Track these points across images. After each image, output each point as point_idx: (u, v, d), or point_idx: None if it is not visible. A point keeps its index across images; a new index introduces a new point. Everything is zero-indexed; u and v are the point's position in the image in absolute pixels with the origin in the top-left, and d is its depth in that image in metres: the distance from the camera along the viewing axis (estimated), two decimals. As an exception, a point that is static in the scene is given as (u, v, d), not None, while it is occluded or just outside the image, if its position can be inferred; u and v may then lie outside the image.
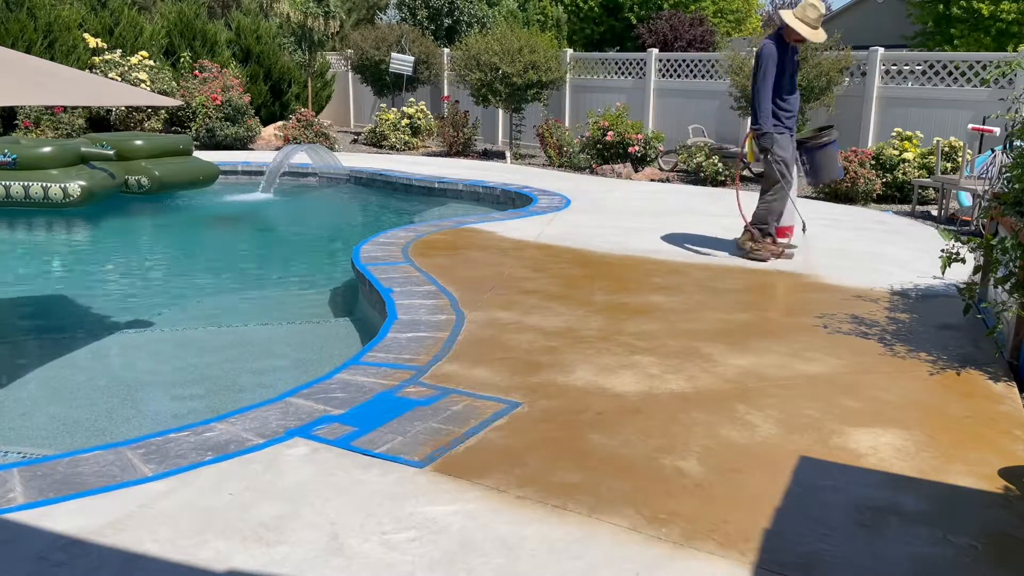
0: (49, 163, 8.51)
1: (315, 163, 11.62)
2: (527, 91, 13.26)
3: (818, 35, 5.94)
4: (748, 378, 3.64)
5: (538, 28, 21.61)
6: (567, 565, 2.22)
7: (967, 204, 8.31)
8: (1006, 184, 4.47)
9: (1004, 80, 9.63)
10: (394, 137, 15.05)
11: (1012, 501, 2.61)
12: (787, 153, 6.10)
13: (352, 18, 23.82)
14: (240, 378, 4.23)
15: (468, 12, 20.74)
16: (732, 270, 5.75)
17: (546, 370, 3.68)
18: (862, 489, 2.66)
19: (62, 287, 6.28)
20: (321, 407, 3.22)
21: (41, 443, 3.44)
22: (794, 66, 6.08)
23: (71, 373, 4.24)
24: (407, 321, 4.34)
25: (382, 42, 15.98)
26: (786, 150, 6.09)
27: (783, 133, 6.07)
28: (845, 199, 9.58)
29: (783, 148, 6.07)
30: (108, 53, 14.57)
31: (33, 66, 3.56)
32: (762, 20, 29.96)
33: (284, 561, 2.21)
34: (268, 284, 6.46)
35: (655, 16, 22.01)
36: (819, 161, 6.29)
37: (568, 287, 5.17)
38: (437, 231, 6.90)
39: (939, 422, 3.21)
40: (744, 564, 2.23)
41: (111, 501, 2.48)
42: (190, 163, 9.95)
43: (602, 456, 2.85)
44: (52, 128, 12.90)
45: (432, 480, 2.66)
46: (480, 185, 10.15)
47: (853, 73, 11.16)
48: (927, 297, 5.12)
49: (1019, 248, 3.77)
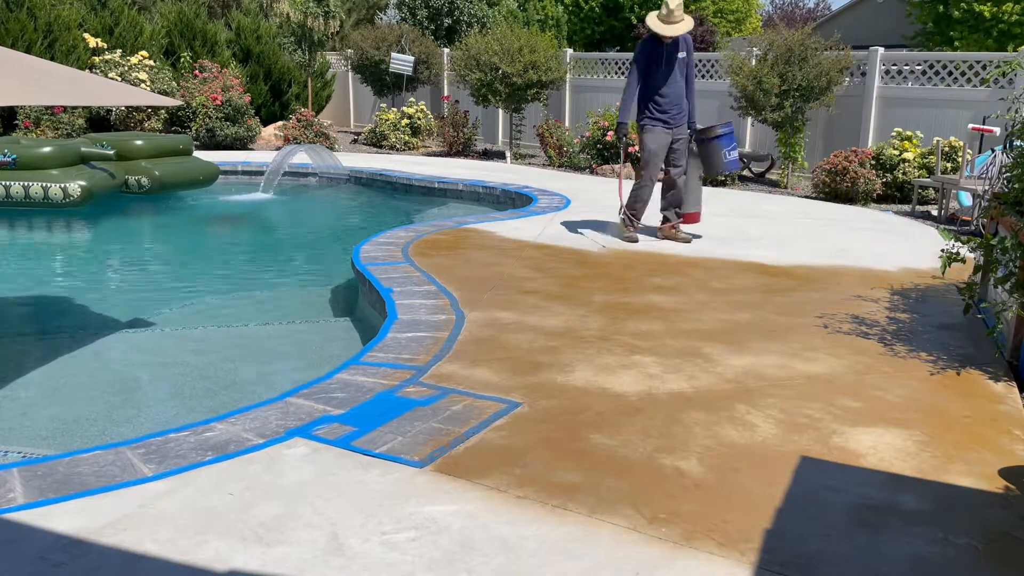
0: (49, 163, 8.51)
1: (315, 163, 11.62)
2: (527, 91, 13.26)
3: (672, 29, 6.31)
4: (748, 378, 3.64)
5: (538, 28, 21.61)
6: (567, 565, 2.22)
7: (967, 204, 8.31)
8: (1006, 184, 4.47)
9: (1004, 80, 9.63)
10: (394, 137, 15.05)
11: (1012, 501, 2.61)
12: (656, 144, 6.51)
13: (352, 18, 23.82)
14: (240, 378, 4.23)
15: (468, 12, 20.74)
16: (733, 270, 5.75)
17: (546, 370, 3.68)
18: (862, 489, 2.66)
19: (62, 287, 6.28)
20: (321, 407, 3.21)
21: (41, 443, 3.44)
22: (671, 63, 6.42)
23: (71, 373, 4.24)
24: (407, 321, 4.34)
25: (382, 42, 15.98)
26: (656, 141, 6.51)
27: (656, 125, 6.49)
28: (845, 199, 9.58)
29: (654, 140, 6.51)
30: (108, 53, 14.57)
31: (33, 66, 3.56)
32: (762, 20, 29.96)
33: (284, 561, 2.21)
34: (268, 284, 6.46)
35: (655, 16, 21.97)
36: (705, 153, 6.61)
37: (568, 287, 5.17)
38: (437, 231, 6.90)
39: (939, 422, 3.21)
40: (744, 564, 2.23)
41: (111, 501, 2.48)
42: (190, 163, 9.95)
43: (602, 456, 2.85)
44: (52, 128, 12.90)
45: (432, 480, 2.66)
46: (480, 185, 10.15)
47: (853, 73, 11.16)
48: (927, 297, 5.12)
49: (1019, 248, 3.77)
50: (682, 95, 6.53)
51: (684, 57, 6.49)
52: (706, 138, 6.57)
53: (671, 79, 6.43)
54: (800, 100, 10.44)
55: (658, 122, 6.48)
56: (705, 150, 6.60)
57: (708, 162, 6.64)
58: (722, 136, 6.54)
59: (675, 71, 6.44)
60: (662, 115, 6.47)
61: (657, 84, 6.43)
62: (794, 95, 10.37)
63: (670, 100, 6.45)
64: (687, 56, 6.51)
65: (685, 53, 6.49)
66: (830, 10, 29.96)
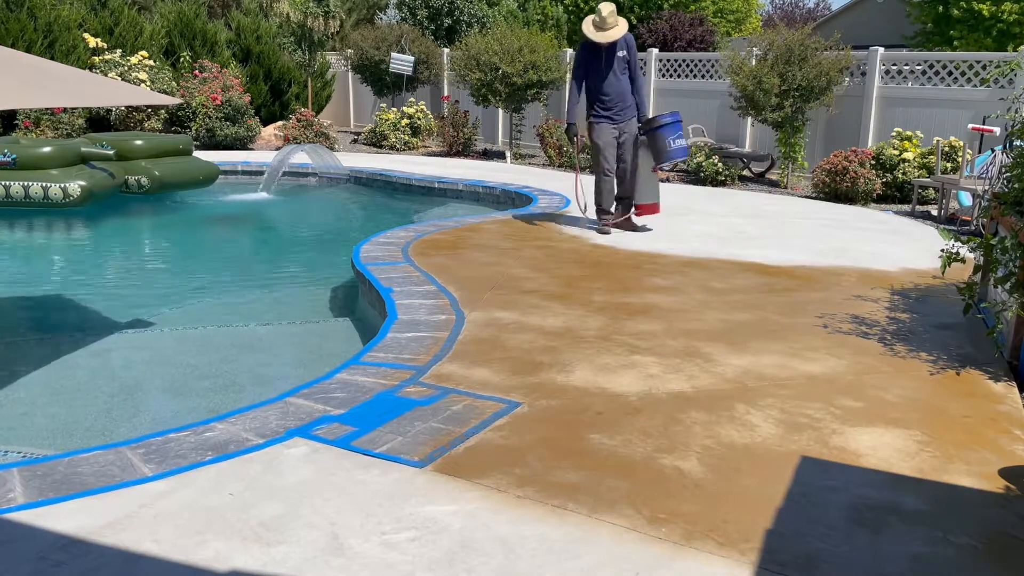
0: (49, 163, 8.51)
1: (315, 163, 11.62)
2: (527, 91, 13.26)
3: (605, 36, 6.72)
4: (748, 378, 3.64)
5: (538, 28, 21.60)
6: (567, 565, 2.22)
7: (967, 204, 8.31)
8: (1006, 184, 4.47)
9: (1004, 80, 9.63)
10: (394, 137, 15.04)
11: (1012, 501, 2.61)
12: (603, 140, 6.91)
13: (352, 18, 23.82)
14: (240, 378, 4.23)
15: (468, 12, 20.74)
16: (733, 270, 5.75)
17: (546, 370, 3.68)
18: (862, 489, 2.66)
19: (62, 287, 6.28)
20: (321, 407, 3.22)
21: (41, 443, 3.44)
22: (611, 63, 6.81)
23: (71, 373, 4.24)
24: (407, 321, 4.34)
25: (382, 42, 15.98)
26: (603, 137, 6.91)
27: (601, 122, 6.90)
28: (845, 199, 9.58)
29: (599, 136, 6.91)
30: (108, 53, 14.57)
31: (33, 66, 3.56)
32: (762, 20, 29.95)
33: (284, 561, 2.21)
34: (268, 284, 6.45)
35: (655, 16, 22.01)
36: (651, 142, 6.90)
37: (568, 287, 5.17)
38: (437, 231, 6.90)
39: (939, 422, 3.21)
40: (744, 564, 2.23)
41: (111, 501, 2.48)
42: (190, 163, 9.95)
43: (602, 456, 2.85)
44: (52, 128, 12.90)
45: (432, 480, 2.66)
46: (480, 185, 10.15)
47: (853, 73, 11.16)
48: (927, 297, 5.12)
49: (1019, 248, 3.77)
50: (625, 92, 6.90)
51: (624, 56, 6.87)
52: (650, 128, 6.86)
53: (612, 78, 6.83)
54: (800, 100, 10.44)
55: (603, 119, 6.89)
56: (650, 139, 6.89)
57: (654, 150, 6.90)
58: (665, 125, 6.80)
59: (614, 70, 6.83)
60: (607, 112, 6.88)
61: (599, 84, 6.84)
62: (794, 95, 10.37)
63: (612, 98, 6.85)
64: (627, 54, 6.88)
65: (625, 51, 6.87)
66: (830, 10, 29.97)
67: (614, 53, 6.81)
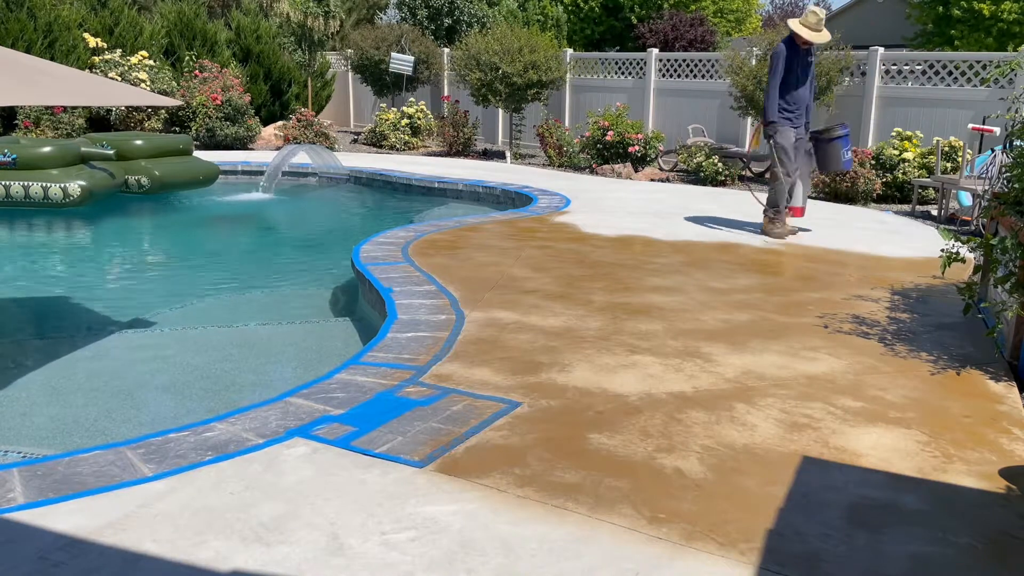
0: (49, 163, 8.51)
1: (315, 163, 11.62)
2: (527, 91, 13.25)
3: (821, 36, 6.73)
4: (748, 378, 3.64)
5: (538, 28, 21.60)
6: (567, 565, 2.22)
7: (967, 204, 8.31)
8: (1006, 184, 4.47)
9: (1004, 80, 9.62)
10: (394, 137, 15.05)
11: (1012, 501, 2.61)
12: (788, 141, 6.87)
13: (352, 18, 23.82)
14: (240, 378, 4.23)
15: (468, 12, 20.75)
16: (733, 270, 5.75)
17: (546, 370, 3.68)
18: (862, 489, 2.66)
19: (62, 287, 6.28)
20: (321, 407, 3.21)
21: (41, 443, 3.44)
22: (803, 68, 6.84)
23: (71, 373, 4.24)
24: (407, 321, 4.33)
25: (382, 42, 15.98)
26: (787, 140, 6.87)
27: (784, 123, 6.87)
28: (845, 199, 9.58)
29: (784, 137, 6.87)
30: (108, 53, 14.57)
31: (32, 66, 3.56)
32: (762, 20, 29.96)
33: (284, 561, 2.21)
34: (268, 284, 6.45)
35: (655, 16, 22.03)
36: (826, 153, 7.07)
37: (568, 287, 5.17)
38: (437, 231, 6.90)
39: (939, 422, 3.21)
40: (744, 564, 2.23)
41: (111, 501, 2.48)
42: (190, 163, 9.95)
43: (602, 456, 2.85)
44: (52, 128, 12.90)
45: (432, 480, 2.66)
46: (480, 185, 10.15)
47: (853, 73, 11.16)
48: (927, 297, 5.12)
49: (1019, 248, 3.77)
50: (807, 97, 6.99)
51: (812, 61, 6.94)
52: (831, 138, 6.97)
53: (802, 82, 6.86)
54: (811, 98, 10.42)
55: (786, 120, 6.89)
56: (825, 148, 6.99)
57: (825, 159, 7.02)
58: (843, 137, 6.97)
59: (807, 75, 6.88)
60: (790, 114, 6.89)
61: (790, 86, 6.82)
62: (794, 95, 10.36)
63: (798, 101, 6.88)
64: (811, 60, 6.95)
65: (812, 59, 6.95)
66: (830, 10, 29.95)
67: (809, 58, 6.85)
